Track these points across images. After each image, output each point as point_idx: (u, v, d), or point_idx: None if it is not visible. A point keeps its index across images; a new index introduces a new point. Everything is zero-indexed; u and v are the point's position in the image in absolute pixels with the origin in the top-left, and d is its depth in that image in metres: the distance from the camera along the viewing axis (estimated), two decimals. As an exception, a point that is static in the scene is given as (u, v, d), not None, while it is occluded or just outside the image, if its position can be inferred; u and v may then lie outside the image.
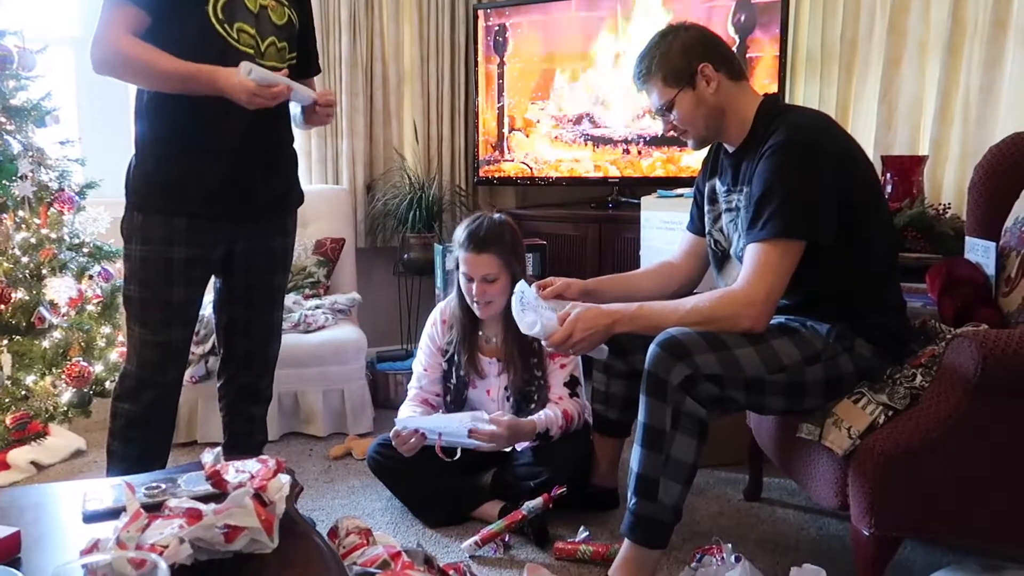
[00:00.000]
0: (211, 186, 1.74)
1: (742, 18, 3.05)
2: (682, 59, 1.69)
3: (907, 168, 2.56)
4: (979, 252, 1.85)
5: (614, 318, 1.67)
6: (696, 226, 1.97)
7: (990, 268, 1.79)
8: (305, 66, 1.91)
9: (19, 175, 2.38)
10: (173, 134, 1.73)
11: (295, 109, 1.86)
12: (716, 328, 1.58)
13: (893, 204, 2.39)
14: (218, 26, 1.68)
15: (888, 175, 2.55)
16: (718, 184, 1.83)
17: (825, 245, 1.58)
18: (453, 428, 2.05)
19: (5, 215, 2.37)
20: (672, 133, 1.78)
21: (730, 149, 1.77)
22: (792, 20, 3.09)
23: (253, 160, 1.78)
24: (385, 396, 3.12)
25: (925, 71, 2.83)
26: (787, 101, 3.01)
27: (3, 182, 2.33)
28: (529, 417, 2.10)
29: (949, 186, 2.73)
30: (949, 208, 2.48)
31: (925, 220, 2.35)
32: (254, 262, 1.88)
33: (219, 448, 1.39)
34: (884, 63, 2.88)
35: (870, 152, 2.67)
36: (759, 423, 1.98)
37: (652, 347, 1.58)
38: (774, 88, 2.96)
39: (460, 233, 2.18)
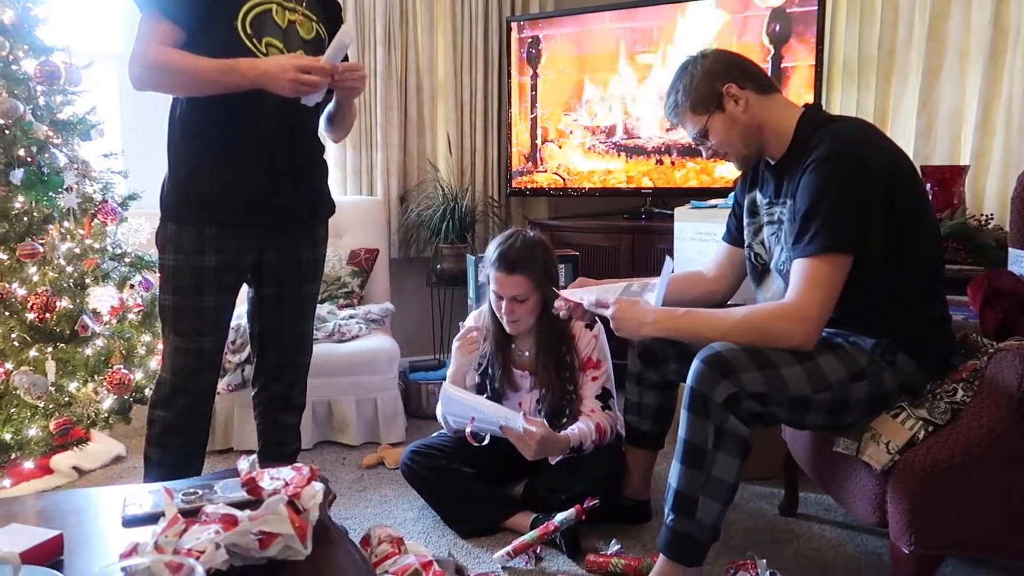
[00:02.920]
0: (241, 196, 1.77)
1: (777, 27, 3.03)
2: (705, 85, 1.69)
3: (948, 178, 2.51)
4: (1023, 264, 1.81)
5: (658, 314, 1.67)
6: (733, 237, 1.95)
7: (1034, 280, 1.75)
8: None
9: (65, 187, 2.44)
10: (204, 145, 1.76)
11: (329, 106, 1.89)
12: (765, 343, 1.54)
13: (933, 215, 2.35)
14: (247, 40, 1.70)
15: (928, 185, 2.50)
16: (759, 196, 1.81)
17: (875, 258, 1.54)
18: (488, 416, 2.05)
19: (51, 226, 2.44)
20: (716, 159, 1.78)
21: (771, 161, 1.75)
22: (828, 28, 3.06)
23: (283, 171, 1.81)
24: (417, 406, 3.14)
25: (966, 79, 2.78)
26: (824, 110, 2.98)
27: (50, 194, 2.39)
28: (563, 432, 2.09)
29: (991, 196, 2.67)
30: (992, 219, 2.43)
31: (967, 231, 2.31)
32: (283, 272, 1.90)
33: (254, 455, 1.40)
34: (923, 71, 2.84)
35: (909, 162, 2.63)
36: (794, 436, 1.95)
37: (696, 363, 1.55)
38: (810, 97, 2.93)
39: (492, 251, 2.18)
